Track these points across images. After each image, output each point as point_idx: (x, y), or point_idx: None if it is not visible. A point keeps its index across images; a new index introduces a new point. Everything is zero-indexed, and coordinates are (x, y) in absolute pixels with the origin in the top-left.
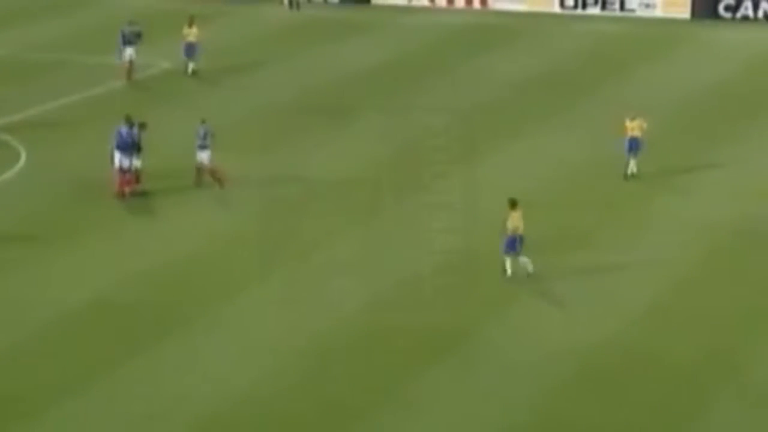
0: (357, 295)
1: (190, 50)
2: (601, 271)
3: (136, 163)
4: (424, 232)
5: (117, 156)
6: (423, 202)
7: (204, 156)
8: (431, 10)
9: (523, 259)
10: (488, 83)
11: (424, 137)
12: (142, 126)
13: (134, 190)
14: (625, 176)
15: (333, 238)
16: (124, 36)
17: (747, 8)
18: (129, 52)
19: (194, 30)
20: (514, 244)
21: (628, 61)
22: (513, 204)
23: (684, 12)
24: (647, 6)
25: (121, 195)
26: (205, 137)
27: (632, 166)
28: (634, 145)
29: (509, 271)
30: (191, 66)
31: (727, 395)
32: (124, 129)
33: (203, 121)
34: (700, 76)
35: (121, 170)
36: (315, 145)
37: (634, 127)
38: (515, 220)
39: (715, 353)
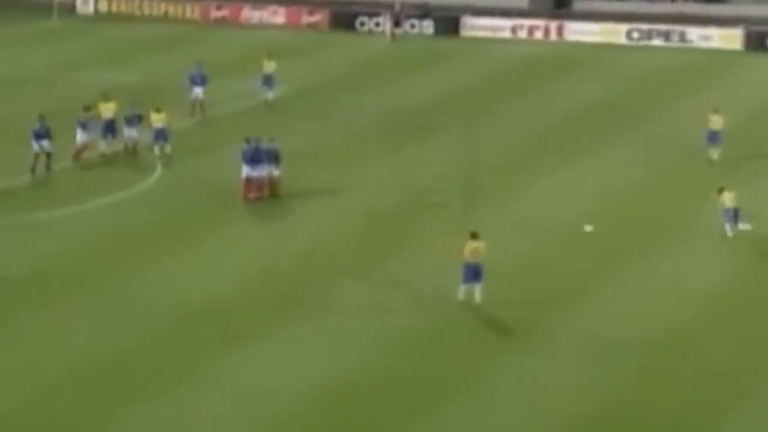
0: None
1: (268, 81)
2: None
3: (262, 173)
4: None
5: (243, 167)
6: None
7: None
8: (513, 41)
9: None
10: (562, 105)
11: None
12: (257, 139)
13: (260, 197)
14: None
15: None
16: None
17: None
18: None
19: (273, 63)
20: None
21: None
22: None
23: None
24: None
25: (248, 200)
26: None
27: None
28: None
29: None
30: (269, 95)
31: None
32: (245, 146)
33: (272, 139)
34: None
35: (247, 179)
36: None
37: None
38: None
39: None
